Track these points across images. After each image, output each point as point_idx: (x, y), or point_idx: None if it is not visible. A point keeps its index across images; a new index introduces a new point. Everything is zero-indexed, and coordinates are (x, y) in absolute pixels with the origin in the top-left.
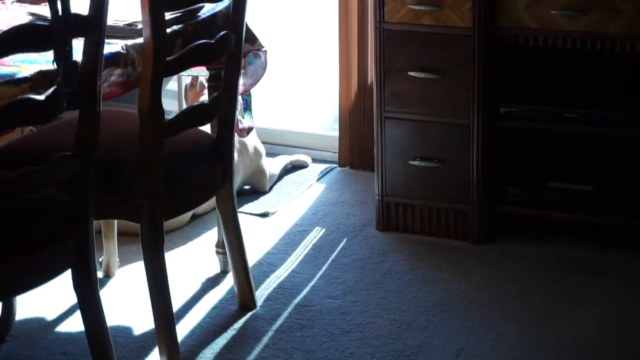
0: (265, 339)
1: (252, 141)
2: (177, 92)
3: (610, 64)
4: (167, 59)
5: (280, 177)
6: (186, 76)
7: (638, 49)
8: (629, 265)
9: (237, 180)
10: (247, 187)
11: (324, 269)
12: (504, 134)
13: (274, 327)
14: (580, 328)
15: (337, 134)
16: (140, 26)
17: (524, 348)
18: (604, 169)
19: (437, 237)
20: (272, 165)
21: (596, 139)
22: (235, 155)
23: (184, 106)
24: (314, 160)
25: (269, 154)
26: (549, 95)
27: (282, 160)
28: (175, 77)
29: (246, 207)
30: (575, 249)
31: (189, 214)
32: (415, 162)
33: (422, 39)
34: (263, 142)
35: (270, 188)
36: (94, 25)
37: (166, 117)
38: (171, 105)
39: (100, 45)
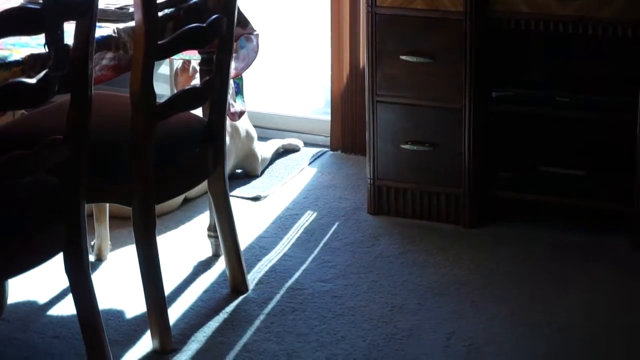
0: (257, 322)
1: (244, 125)
2: (169, 75)
3: (602, 49)
4: (159, 42)
5: (272, 161)
6: (178, 60)
7: (629, 34)
8: (621, 249)
9: (229, 164)
10: (239, 170)
11: (315, 252)
12: (495, 118)
13: (266, 310)
14: (571, 312)
15: (328, 117)
16: (131, 10)
17: (515, 331)
18: (595, 153)
19: (428, 221)
20: (263, 149)
21: (588, 123)
22: (227, 138)
23: (176, 90)
24: (306, 144)
25: (260, 138)
26: (541, 79)
27: (274, 144)
28: (167, 61)
29: (238, 191)
30: (566, 234)
31: (181, 197)
32: (407, 146)
33: (414, 22)
34: (255, 126)
35: (262, 172)
36: (86, 9)
37: (158, 100)
38: (163, 89)
39: (92, 28)
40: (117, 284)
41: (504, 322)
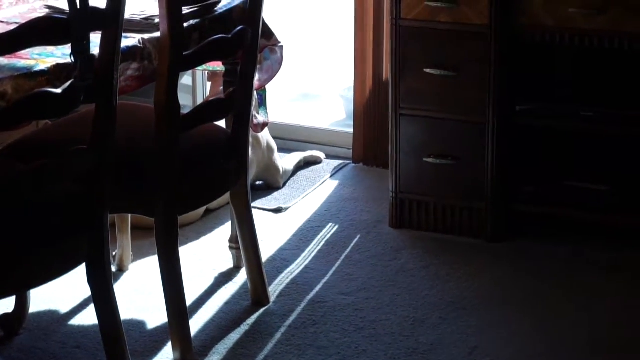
0: (278, 335)
1: (265, 136)
2: (192, 86)
3: (627, 63)
4: (184, 53)
5: (293, 173)
6: (201, 71)
7: None
8: None
9: (250, 175)
10: (260, 182)
11: (337, 265)
12: (519, 131)
13: (287, 323)
14: (594, 327)
15: (351, 130)
16: (157, 20)
17: (538, 346)
18: (620, 168)
19: (450, 234)
20: (285, 162)
21: (612, 138)
22: (249, 149)
23: (199, 101)
24: (328, 157)
25: (283, 150)
26: (565, 93)
27: (296, 157)
28: (190, 71)
29: (259, 203)
30: (590, 249)
31: (202, 208)
32: (430, 160)
33: (438, 35)
34: (277, 138)
35: (284, 184)
36: (112, 19)
37: (181, 111)
38: (185, 100)
39: (118, 39)
40: (139, 295)
41: (527, 337)
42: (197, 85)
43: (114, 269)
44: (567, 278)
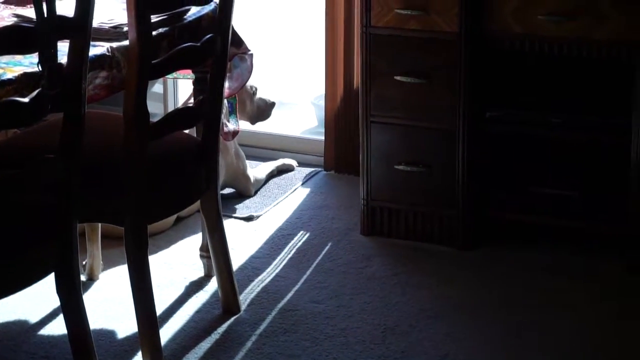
0: (248, 344)
1: (233, 144)
2: (163, 94)
3: (596, 70)
4: (153, 61)
5: (266, 182)
6: (172, 79)
7: (624, 55)
8: (613, 271)
9: (219, 181)
10: (230, 190)
11: (308, 273)
12: (489, 138)
13: (258, 331)
14: (564, 334)
15: (322, 137)
16: (125, 29)
17: (508, 354)
18: (589, 174)
19: (421, 242)
20: (257, 171)
21: (581, 145)
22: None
23: (170, 109)
24: (300, 164)
25: (254, 157)
26: (534, 100)
27: (269, 166)
28: (161, 79)
29: (231, 211)
30: (561, 255)
31: (173, 216)
32: (401, 167)
33: (408, 43)
34: (248, 146)
35: (256, 192)
36: (80, 28)
37: (151, 119)
38: (156, 108)
39: (86, 47)
40: (109, 304)
41: (498, 345)
42: (168, 94)
43: (84, 278)
44: (538, 285)
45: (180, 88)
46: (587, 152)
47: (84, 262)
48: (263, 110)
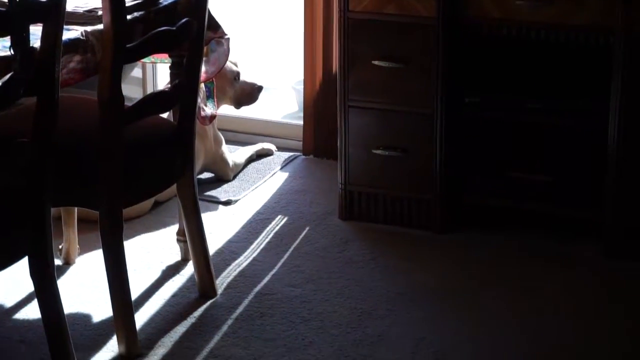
0: (224, 327)
1: (212, 128)
2: (142, 78)
3: (574, 55)
4: (127, 45)
5: (245, 166)
6: (150, 63)
7: (601, 41)
8: (589, 255)
9: (198, 165)
10: (209, 175)
11: (285, 257)
12: (467, 123)
13: (234, 315)
14: (541, 318)
15: (301, 122)
16: (100, 12)
17: (484, 338)
18: (565, 159)
19: (399, 226)
20: (236, 155)
21: (558, 130)
22: (196, 139)
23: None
24: (278, 149)
25: (233, 142)
26: (513, 85)
27: (248, 151)
28: (139, 63)
29: (209, 195)
30: (537, 240)
31: (151, 201)
32: (379, 151)
33: (386, 28)
34: (228, 130)
35: (234, 177)
36: (53, 11)
37: (129, 103)
38: (135, 92)
39: (59, 31)
40: (85, 288)
41: (473, 329)
42: (147, 78)
43: (60, 262)
44: (514, 269)
45: (160, 72)
46: (564, 137)
47: (60, 246)
48: (249, 94)
